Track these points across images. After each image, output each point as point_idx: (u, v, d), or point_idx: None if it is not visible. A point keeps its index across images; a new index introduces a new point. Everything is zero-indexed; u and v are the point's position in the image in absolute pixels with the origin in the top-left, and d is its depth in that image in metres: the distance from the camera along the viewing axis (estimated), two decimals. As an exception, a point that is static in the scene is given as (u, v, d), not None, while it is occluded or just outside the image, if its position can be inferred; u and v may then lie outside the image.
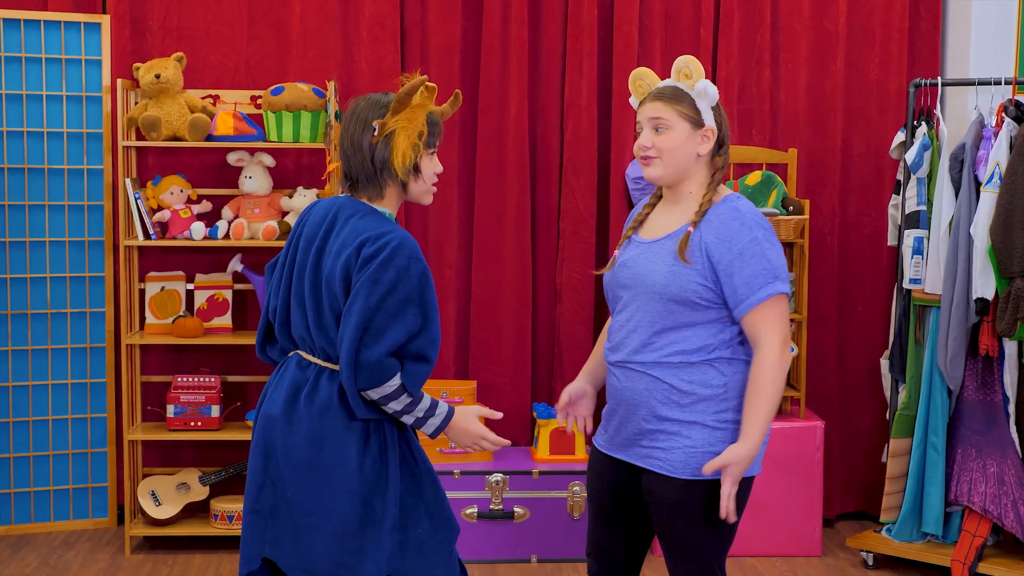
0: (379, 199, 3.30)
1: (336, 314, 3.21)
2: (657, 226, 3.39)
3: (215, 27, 5.72)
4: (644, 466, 3.32)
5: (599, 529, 3.50)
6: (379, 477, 3.24)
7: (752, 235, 3.23)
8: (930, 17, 5.98)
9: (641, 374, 3.30)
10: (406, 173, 3.26)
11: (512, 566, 5.38)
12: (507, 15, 5.75)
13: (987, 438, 5.18)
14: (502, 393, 5.86)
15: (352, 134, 3.28)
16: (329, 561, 3.23)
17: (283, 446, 3.27)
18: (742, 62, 5.89)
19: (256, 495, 3.33)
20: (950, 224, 5.18)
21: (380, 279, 3.13)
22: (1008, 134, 5.01)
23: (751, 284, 3.21)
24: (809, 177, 5.95)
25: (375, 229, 3.19)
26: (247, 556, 3.35)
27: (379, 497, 3.24)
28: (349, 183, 3.33)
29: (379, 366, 3.14)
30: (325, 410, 3.24)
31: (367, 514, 3.23)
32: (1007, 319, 4.88)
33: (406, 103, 3.24)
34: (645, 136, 3.32)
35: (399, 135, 3.23)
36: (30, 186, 5.61)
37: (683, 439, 3.26)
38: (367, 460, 3.23)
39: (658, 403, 3.27)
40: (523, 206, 5.83)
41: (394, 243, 3.16)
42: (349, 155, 3.29)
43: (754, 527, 5.39)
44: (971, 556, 5.10)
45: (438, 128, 3.34)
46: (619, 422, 3.38)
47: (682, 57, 3.33)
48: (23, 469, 5.67)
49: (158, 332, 5.57)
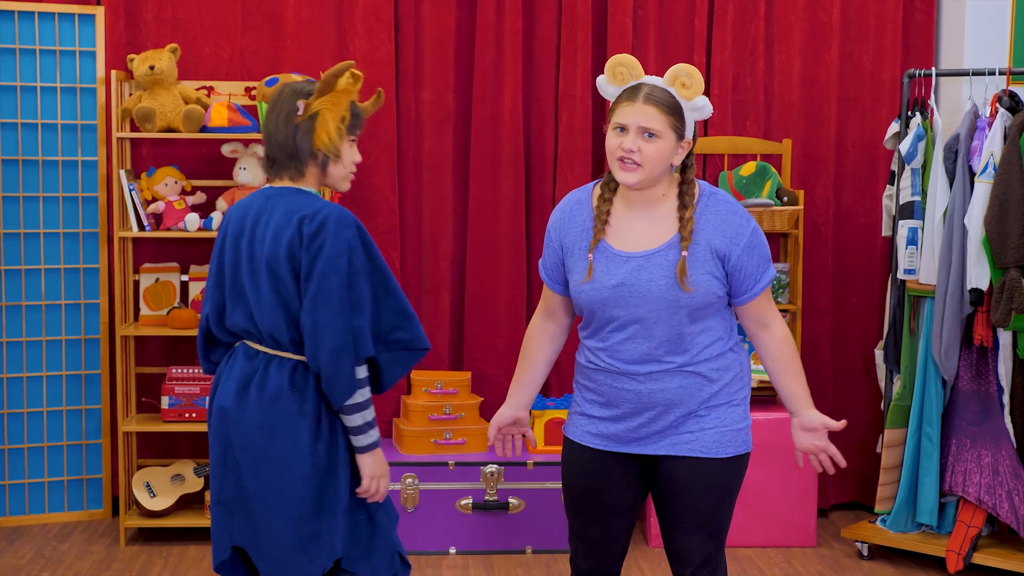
0: (300, 179, 3.34)
1: (282, 297, 3.25)
2: (637, 235, 3.31)
3: (209, 18, 5.71)
4: (673, 453, 3.34)
5: (595, 525, 3.47)
6: (331, 461, 3.29)
7: (751, 226, 3.31)
8: (924, 7, 5.98)
9: (675, 374, 3.31)
10: (331, 151, 3.31)
11: (507, 557, 5.39)
12: (501, 6, 5.75)
13: (982, 428, 5.18)
14: (496, 384, 5.85)
15: (277, 115, 3.33)
16: (288, 547, 3.28)
17: (238, 436, 3.32)
18: (736, 53, 5.89)
19: (219, 486, 3.39)
20: (944, 215, 5.18)
21: (334, 262, 3.19)
22: (1002, 125, 5.02)
23: (755, 274, 3.31)
24: (803, 168, 5.95)
25: (309, 206, 3.25)
26: (217, 546, 3.43)
27: (332, 481, 3.28)
28: (271, 165, 3.36)
29: (362, 334, 3.24)
30: (276, 398, 3.27)
31: (321, 499, 3.27)
32: (1001, 309, 4.89)
33: (332, 84, 3.31)
34: (632, 140, 3.21)
35: (324, 115, 3.30)
36: (24, 177, 5.60)
37: (713, 419, 3.33)
38: (319, 445, 3.27)
39: (693, 396, 3.32)
40: (518, 197, 5.83)
41: (334, 215, 3.22)
42: (272, 135, 3.33)
43: (749, 518, 5.40)
44: (966, 546, 5.11)
45: (360, 118, 3.41)
46: (642, 421, 3.34)
47: (683, 65, 3.24)
48: (18, 461, 5.67)
49: (153, 323, 5.57)
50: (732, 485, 3.40)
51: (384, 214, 5.76)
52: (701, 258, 3.25)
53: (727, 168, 5.76)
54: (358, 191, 5.75)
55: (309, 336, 3.20)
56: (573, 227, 3.38)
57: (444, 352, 5.90)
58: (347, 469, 3.31)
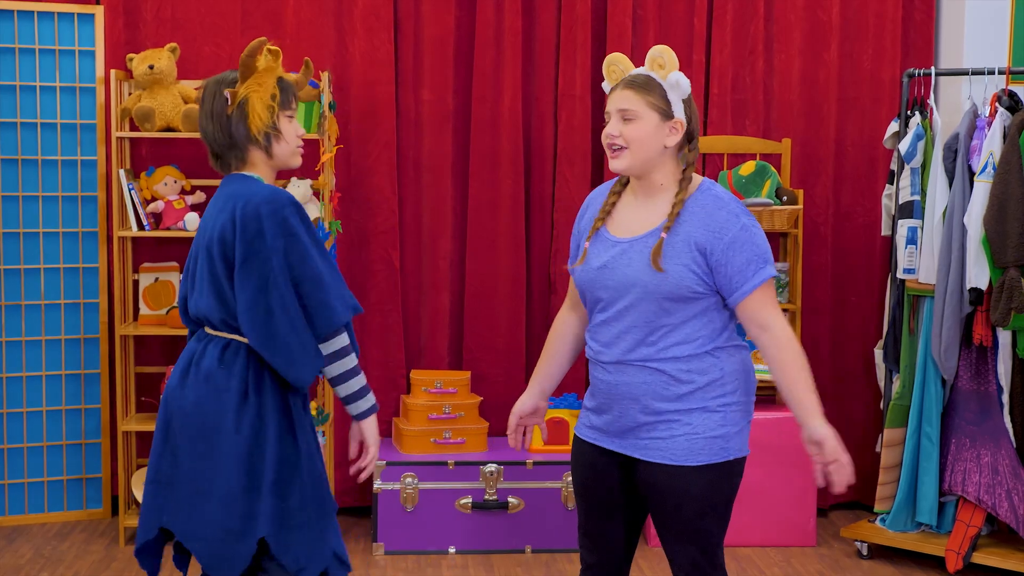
0: (246, 166, 3.38)
1: (215, 278, 3.31)
2: (631, 222, 3.34)
3: (209, 18, 5.71)
4: (644, 458, 3.31)
5: (593, 520, 3.48)
6: (257, 439, 3.30)
7: (740, 223, 3.24)
8: (924, 7, 5.98)
9: (639, 368, 3.28)
10: (264, 134, 3.33)
11: (506, 556, 5.39)
12: (501, 5, 5.75)
13: (981, 428, 5.18)
14: (496, 384, 5.86)
15: (207, 109, 3.37)
16: (219, 527, 3.30)
17: (178, 415, 3.37)
18: (736, 52, 5.89)
19: (156, 465, 3.43)
20: (944, 214, 5.18)
21: (273, 244, 3.23)
22: (1002, 124, 5.02)
23: (745, 272, 3.22)
24: (803, 167, 5.95)
25: (245, 191, 3.29)
26: (144, 525, 3.45)
27: (259, 460, 3.29)
28: (215, 160, 3.41)
29: (325, 307, 3.28)
30: (208, 376, 3.32)
31: (249, 478, 3.29)
32: (1001, 309, 4.89)
33: (251, 66, 3.34)
34: (613, 125, 3.29)
35: (252, 98, 3.32)
36: (24, 177, 5.60)
37: (684, 426, 3.26)
38: (244, 421, 3.29)
39: (657, 394, 3.27)
40: (517, 197, 5.83)
41: (267, 197, 3.25)
42: (208, 130, 3.37)
43: (748, 517, 5.40)
44: (965, 546, 5.11)
45: (291, 91, 3.42)
46: (614, 415, 3.36)
47: (657, 46, 3.31)
48: (17, 460, 5.67)
49: (152, 323, 5.57)
50: (711, 495, 3.29)
51: (384, 214, 5.76)
52: (679, 248, 3.23)
53: (726, 167, 5.76)
54: (357, 191, 5.75)
55: (251, 322, 3.25)
56: (586, 218, 3.48)
57: (444, 351, 5.90)
58: (275, 449, 3.30)
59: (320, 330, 3.30)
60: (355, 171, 5.76)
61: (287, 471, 3.32)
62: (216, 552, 3.31)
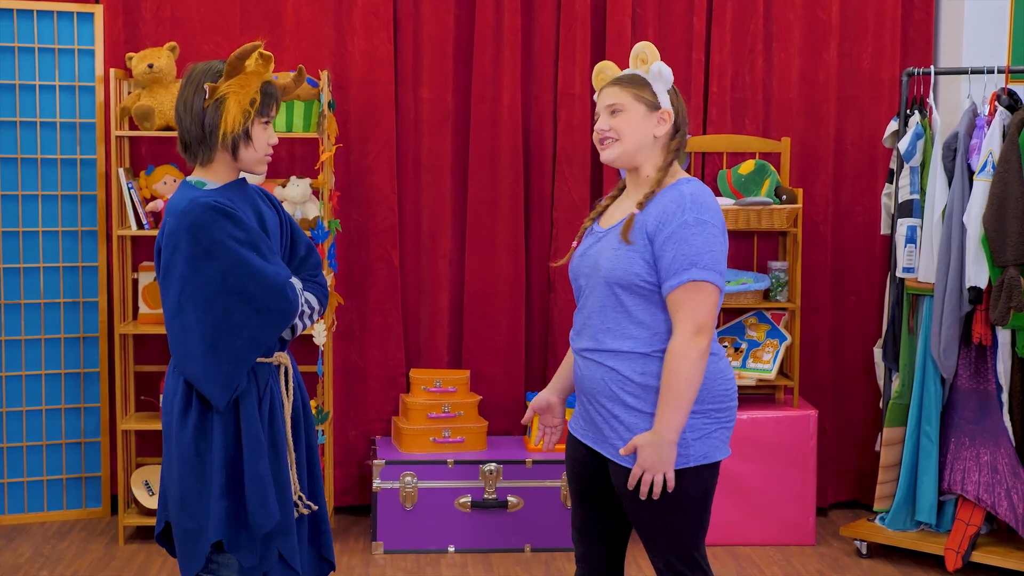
0: (208, 164, 3.33)
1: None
2: (615, 214, 3.42)
3: (208, 17, 5.71)
4: (608, 456, 3.34)
5: (582, 512, 3.53)
6: (204, 441, 3.29)
7: (683, 218, 3.20)
8: (923, 6, 5.98)
9: (598, 364, 3.31)
10: (233, 139, 3.27)
11: (506, 555, 5.39)
12: (500, 4, 5.75)
13: (980, 427, 5.18)
14: (496, 382, 5.86)
15: (185, 98, 3.31)
16: (180, 526, 3.33)
17: (164, 417, 3.41)
18: (735, 51, 5.89)
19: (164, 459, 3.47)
20: (943, 213, 5.18)
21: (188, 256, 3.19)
22: (1001, 123, 5.02)
23: (670, 268, 3.20)
24: (802, 166, 5.95)
25: (178, 203, 3.25)
26: (158, 516, 3.49)
27: (208, 463, 3.29)
28: (184, 149, 3.36)
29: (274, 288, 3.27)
30: (168, 377, 3.38)
31: (201, 480, 3.29)
32: (1000, 308, 4.89)
33: (239, 68, 3.26)
34: (602, 120, 3.36)
35: (230, 99, 3.25)
36: (23, 176, 5.60)
37: (641, 430, 3.25)
38: (189, 422, 3.29)
39: (613, 393, 3.29)
40: (516, 196, 5.83)
41: (184, 207, 3.20)
42: (181, 118, 3.31)
43: (747, 516, 5.40)
44: (964, 545, 5.11)
45: (273, 98, 3.34)
46: (584, 409, 3.41)
47: (639, 43, 3.38)
48: (17, 459, 5.67)
49: (151, 322, 5.56)
50: (669, 500, 3.24)
51: (383, 213, 5.76)
52: (636, 234, 3.25)
53: (726, 166, 5.76)
54: (357, 190, 5.75)
55: (169, 338, 3.28)
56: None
57: (443, 350, 5.90)
58: (222, 453, 3.28)
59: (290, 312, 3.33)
60: (354, 170, 5.76)
61: (231, 473, 3.31)
62: (180, 550, 3.36)
